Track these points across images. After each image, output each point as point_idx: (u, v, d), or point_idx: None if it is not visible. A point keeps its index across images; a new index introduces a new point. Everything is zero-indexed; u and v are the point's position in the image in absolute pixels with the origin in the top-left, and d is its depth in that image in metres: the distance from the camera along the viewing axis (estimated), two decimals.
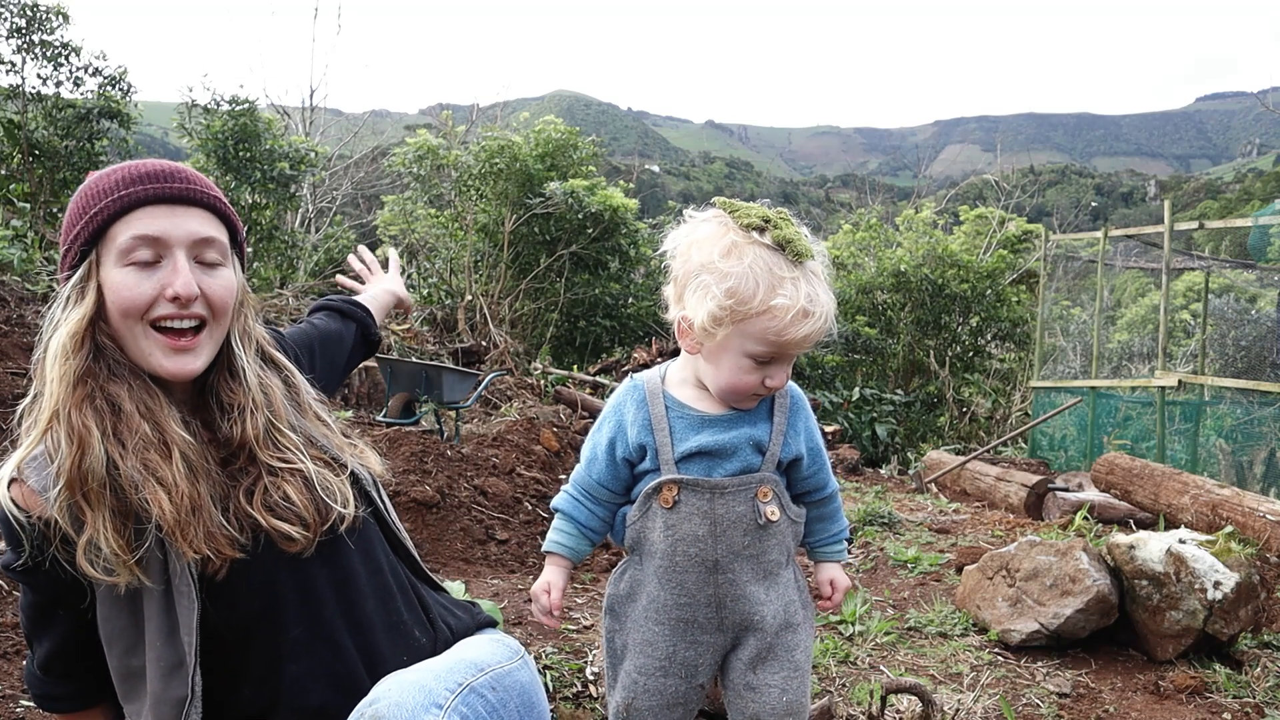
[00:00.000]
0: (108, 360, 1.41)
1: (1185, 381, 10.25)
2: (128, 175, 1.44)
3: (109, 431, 1.36)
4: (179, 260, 1.42)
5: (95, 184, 1.45)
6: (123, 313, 1.41)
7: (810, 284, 1.43)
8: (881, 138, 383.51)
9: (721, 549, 1.54)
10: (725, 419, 1.55)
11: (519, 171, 13.91)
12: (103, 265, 1.42)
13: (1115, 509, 6.06)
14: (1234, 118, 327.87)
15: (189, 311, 1.42)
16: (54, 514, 1.34)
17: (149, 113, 14.24)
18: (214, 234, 1.47)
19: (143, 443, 1.37)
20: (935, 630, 3.42)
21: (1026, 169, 65.80)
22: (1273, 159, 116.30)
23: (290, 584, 1.44)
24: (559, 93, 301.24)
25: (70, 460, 1.33)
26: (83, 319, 1.40)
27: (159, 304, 1.41)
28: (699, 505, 1.53)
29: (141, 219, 1.41)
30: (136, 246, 1.40)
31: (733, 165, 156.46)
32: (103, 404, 1.38)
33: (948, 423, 15.26)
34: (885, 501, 6.14)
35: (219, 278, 1.47)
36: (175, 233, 1.42)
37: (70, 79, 12.11)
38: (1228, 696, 2.84)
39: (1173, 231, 10.64)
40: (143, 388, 1.42)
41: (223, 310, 1.47)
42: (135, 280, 1.40)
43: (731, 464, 1.54)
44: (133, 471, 1.34)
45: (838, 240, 18.81)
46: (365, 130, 23.00)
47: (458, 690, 1.32)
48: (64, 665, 1.52)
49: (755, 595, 1.57)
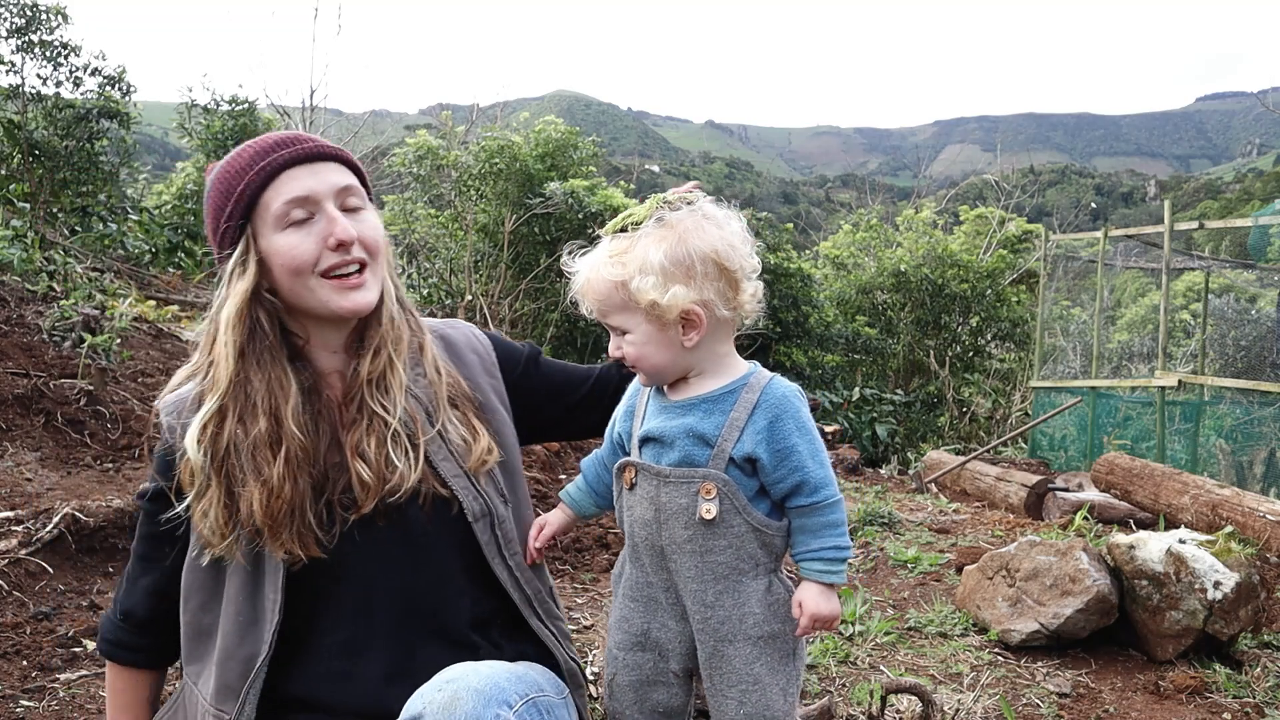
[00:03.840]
0: (257, 341, 1.50)
1: (1185, 381, 10.25)
2: (260, 148, 1.52)
3: (240, 417, 1.47)
4: (330, 210, 1.51)
5: (230, 166, 1.52)
6: (293, 272, 1.50)
7: (587, 256, 1.55)
8: (881, 138, 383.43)
9: (665, 537, 1.54)
10: (678, 406, 1.56)
11: (519, 171, 13.91)
12: (260, 236, 1.51)
13: (1115, 509, 6.06)
14: (1234, 118, 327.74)
15: (351, 256, 1.51)
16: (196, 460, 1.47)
17: (149, 113, 14.23)
18: (352, 181, 1.56)
19: (258, 438, 1.46)
20: (935, 630, 3.41)
21: (1026, 169, 65.80)
22: (1273, 159, 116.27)
23: (357, 574, 1.52)
24: (559, 93, 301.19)
25: (214, 426, 1.47)
26: (246, 291, 1.49)
27: (324, 256, 1.50)
28: (647, 490, 1.55)
29: (286, 183, 1.50)
30: (290, 209, 1.49)
31: (733, 165, 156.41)
32: (239, 389, 1.48)
33: (948, 423, 15.25)
34: (885, 501, 6.14)
35: (365, 220, 1.56)
36: (320, 187, 1.51)
37: (70, 79, 12.11)
38: (1228, 696, 2.84)
39: (1173, 231, 10.64)
40: (279, 375, 1.51)
41: (376, 248, 1.57)
42: (298, 240, 1.49)
43: (673, 453, 1.54)
44: (244, 463, 1.46)
45: (838, 240, 18.83)
46: (365, 130, 22.96)
47: (525, 699, 1.37)
48: (146, 613, 1.62)
49: (701, 595, 1.53)
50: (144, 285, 10.77)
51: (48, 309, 7.54)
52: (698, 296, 1.47)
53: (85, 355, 6.41)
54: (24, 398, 5.73)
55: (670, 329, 1.50)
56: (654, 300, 1.46)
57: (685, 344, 1.52)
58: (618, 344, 1.55)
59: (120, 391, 6.39)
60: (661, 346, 1.52)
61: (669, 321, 1.49)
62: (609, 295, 1.51)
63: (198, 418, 1.47)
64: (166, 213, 13.75)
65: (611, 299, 1.51)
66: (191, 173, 14.00)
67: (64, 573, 3.47)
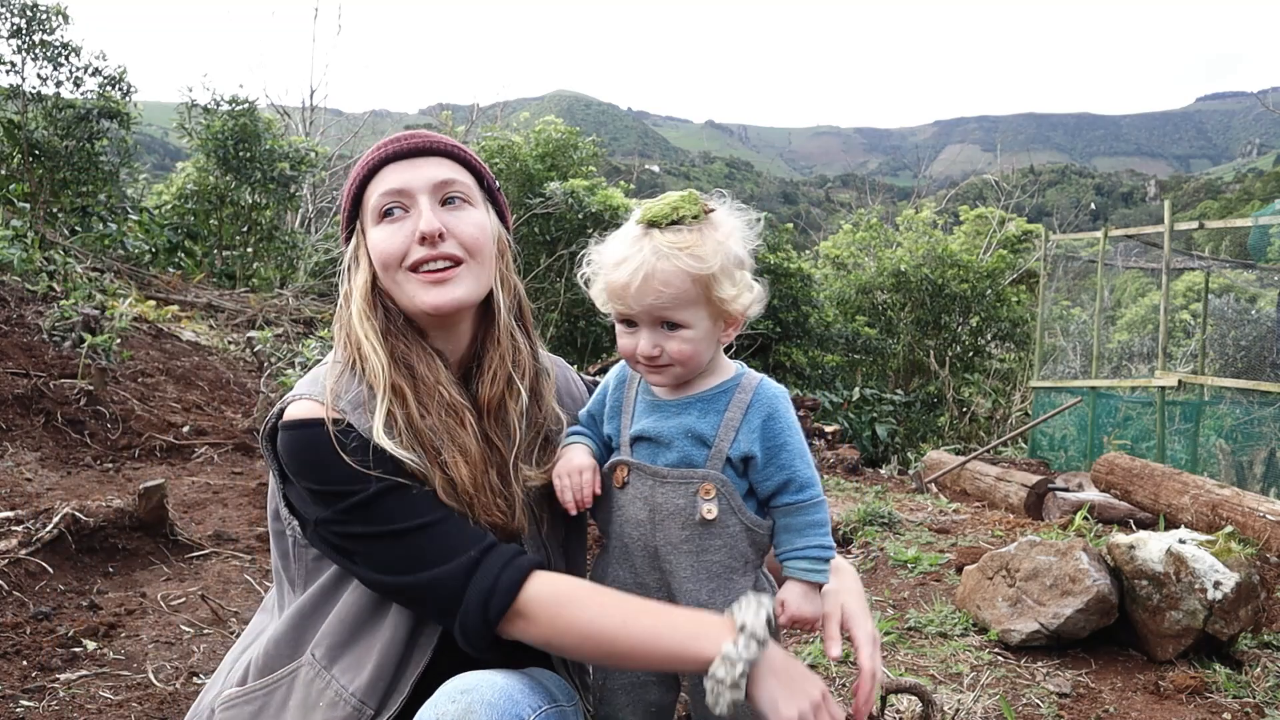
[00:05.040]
0: (394, 319, 1.51)
1: (1185, 381, 10.25)
2: (377, 145, 1.55)
3: (414, 393, 1.45)
4: (422, 204, 1.50)
5: (357, 163, 1.56)
6: (383, 265, 1.50)
7: (638, 245, 1.46)
8: (881, 138, 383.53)
9: (660, 538, 1.53)
10: (673, 406, 1.55)
11: (519, 171, 13.92)
12: (366, 230, 1.54)
13: (1115, 509, 6.06)
14: (1234, 118, 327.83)
15: (439, 251, 1.49)
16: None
17: (149, 113, 14.24)
18: (454, 176, 1.54)
19: (441, 407, 1.46)
20: (935, 630, 3.41)
21: (1026, 169, 65.81)
22: (1273, 159, 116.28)
23: None
24: (559, 93, 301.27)
25: (400, 411, 1.43)
26: (366, 283, 1.51)
27: (413, 249, 1.49)
28: (641, 490, 1.53)
29: (385, 176, 1.51)
30: (386, 203, 1.50)
31: (733, 165, 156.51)
32: (401, 363, 1.47)
33: (948, 423, 15.26)
34: (885, 501, 6.14)
35: (465, 216, 1.53)
36: (415, 180, 1.50)
37: (70, 79, 12.12)
38: (1228, 696, 2.84)
39: (1173, 231, 10.64)
40: (424, 350, 1.51)
41: (475, 247, 1.52)
42: (390, 233, 1.50)
43: (670, 454, 1.52)
44: (437, 436, 1.43)
45: (838, 240, 18.83)
46: (365, 130, 22.99)
47: (538, 711, 1.36)
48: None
49: (696, 595, 1.52)
50: (144, 285, 10.78)
51: (48, 309, 7.54)
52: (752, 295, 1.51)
53: (85, 355, 6.41)
54: (24, 398, 5.73)
55: (718, 327, 1.51)
56: (735, 296, 1.46)
57: (721, 342, 1.54)
58: (657, 342, 1.48)
59: (120, 391, 6.39)
60: (709, 344, 1.51)
61: (725, 319, 1.50)
62: (683, 288, 1.44)
63: (379, 413, 1.42)
64: (166, 213, 13.76)
65: (686, 292, 1.44)
66: (191, 173, 14.00)
67: (64, 573, 3.47)
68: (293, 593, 1.55)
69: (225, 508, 4.65)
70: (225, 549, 3.98)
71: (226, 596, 3.48)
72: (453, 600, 1.38)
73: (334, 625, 1.47)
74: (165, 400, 6.65)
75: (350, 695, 1.41)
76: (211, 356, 8.43)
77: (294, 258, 14.13)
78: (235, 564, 3.84)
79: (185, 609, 3.32)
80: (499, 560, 1.40)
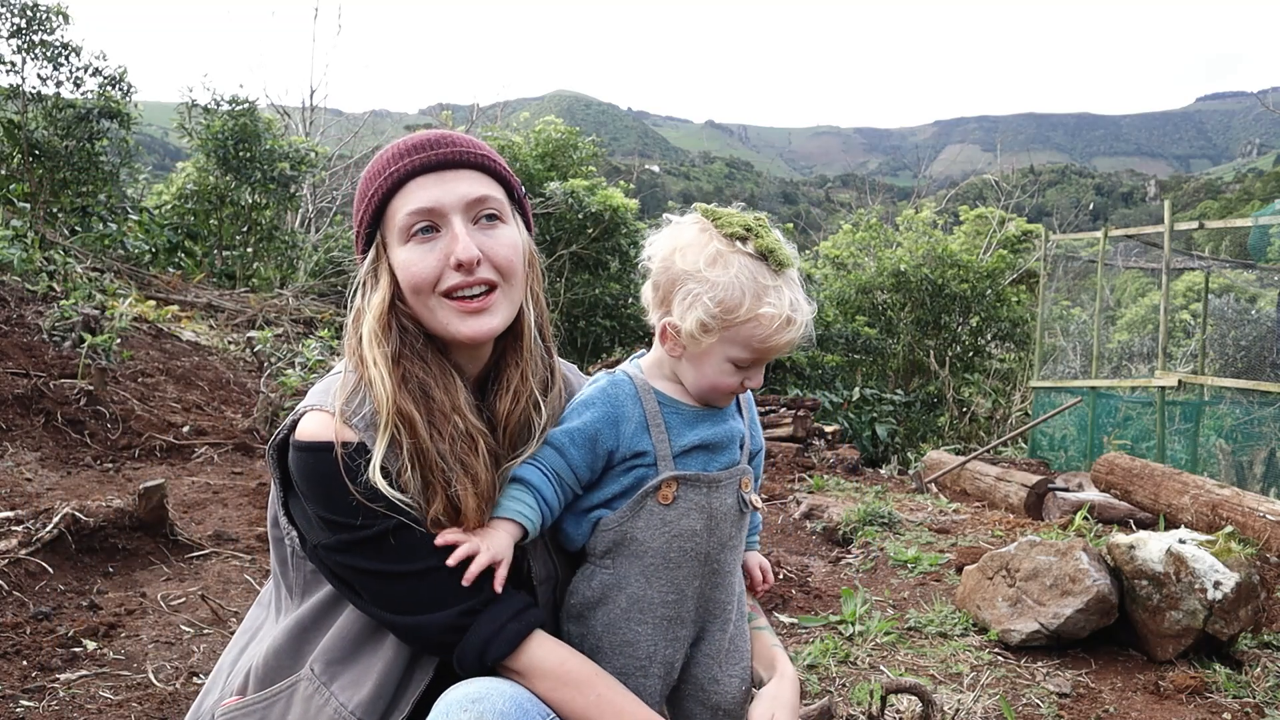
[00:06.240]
0: (410, 342, 1.43)
1: (1185, 381, 10.25)
2: (397, 151, 1.45)
3: (428, 419, 1.39)
4: (456, 226, 1.41)
5: (372, 166, 1.47)
6: (414, 290, 1.42)
7: (792, 291, 1.46)
8: (881, 138, 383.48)
9: (714, 542, 1.56)
10: (716, 413, 1.59)
11: (519, 171, 13.91)
12: (389, 246, 1.44)
13: (1115, 509, 6.06)
14: (1234, 118, 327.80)
15: (476, 277, 1.42)
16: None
17: (149, 113, 14.24)
18: (487, 192, 1.45)
19: (455, 433, 1.40)
20: (935, 630, 3.42)
21: (1026, 169, 65.76)
22: (1273, 159, 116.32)
23: None
24: (559, 93, 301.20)
25: (407, 437, 1.37)
26: (383, 302, 1.43)
27: (446, 275, 1.41)
28: (697, 500, 1.54)
29: (413, 192, 1.42)
30: (414, 222, 1.41)
31: (733, 165, 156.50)
32: (415, 389, 1.40)
33: (948, 423, 15.25)
34: (885, 501, 6.13)
35: (499, 236, 1.45)
36: (447, 199, 1.42)
37: (70, 79, 12.11)
38: (1228, 696, 2.84)
39: (1173, 231, 10.64)
40: (442, 372, 1.44)
41: (509, 269, 1.46)
42: (420, 255, 1.41)
43: (724, 457, 1.57)
44: (448, 463, 1.38)
45: (838, 240, 18.82)
46: (365, 130, 22.97)
47: (547, 718, 1.37)
48: None
49: (732, 584, 1.63)
50: (144, 285, 10.78)
51: (48, 309, 7.54)
52: None
53: (85, 355, 6.41)
54: (24, 398, 5.73)
55: None
56: None
57: None
58: (762, 375, 1.55)
59: (120, 391, 6.39)
60: None
61: None
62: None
63: (377, 451, 1.36)
64: (166, 213, 13.76)
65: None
66: (191, 173, 14.01)
67: (64, 573, 3.47)
68: (290, 599, 1.53)
69: (225, 508, 4.65)
70: (225, 549, 3.97)
71: (226, 596, 3.48)
72: (443, 648, 1.39)
73: (334, 640, 1.45)
74: (165, 400, 6.65)
75: (350, 713, 1.40)
76: (211, 356, 8.43)
77: (294, 258, 14.12)
78: (235, 564, 3.84)
79: (185, 609, 3.32)
80: (507, 610, 1.39)
